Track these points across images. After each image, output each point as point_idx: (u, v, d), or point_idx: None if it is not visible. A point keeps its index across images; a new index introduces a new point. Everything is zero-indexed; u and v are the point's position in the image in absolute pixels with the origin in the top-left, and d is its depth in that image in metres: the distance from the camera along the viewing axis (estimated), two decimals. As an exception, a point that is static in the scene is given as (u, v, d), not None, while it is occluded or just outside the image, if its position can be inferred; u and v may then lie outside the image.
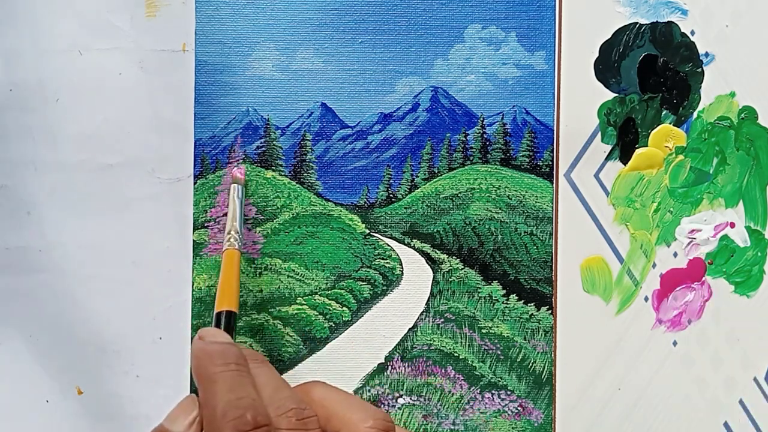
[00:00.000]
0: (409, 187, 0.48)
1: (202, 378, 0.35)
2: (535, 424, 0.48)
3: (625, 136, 0.48)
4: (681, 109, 0.48)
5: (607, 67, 0.48)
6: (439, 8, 0.48)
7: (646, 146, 0.48)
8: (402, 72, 0.48)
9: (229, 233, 0.45)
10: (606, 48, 0.48)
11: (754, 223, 0.49)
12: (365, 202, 0.48)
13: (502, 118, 0.48)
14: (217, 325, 0.41)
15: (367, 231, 0.48)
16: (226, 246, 0.44)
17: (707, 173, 0.49)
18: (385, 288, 0.48)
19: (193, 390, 0.47)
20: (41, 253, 0.47)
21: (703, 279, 0.49)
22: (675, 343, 0.49)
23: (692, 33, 0.48)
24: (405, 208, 0.48)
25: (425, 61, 0.48)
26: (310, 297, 0.48)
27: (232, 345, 0.37)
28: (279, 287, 0.48)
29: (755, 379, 0.49)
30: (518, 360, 0.48)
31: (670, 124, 0.48)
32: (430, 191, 0.48)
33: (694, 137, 0.49)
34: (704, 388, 0.49)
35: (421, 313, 0.48)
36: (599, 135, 0.48)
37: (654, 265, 0.49)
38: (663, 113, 0.48)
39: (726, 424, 0.49)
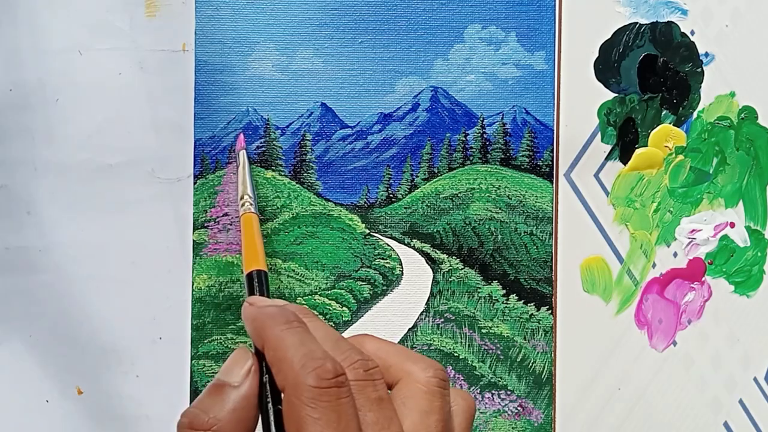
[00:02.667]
0: (409, 187, 0.48)
1: (268, 338, 0.34)
2: (535, 424, 0.48)
3: (625, 136, 0.48)
4: (681, 109, 0.48)
5: (607, 67, 0.48)
6: (439, 8, 0.48)
7: (646, 146, 0.48)
8: (402, 72, 0.48)
9: (242, 198, 0.44)
10: (606, 48, 0.48)
11: (753, 223, 0.49)
12: (365, 202, 0.48)
13: (502, 118, 0.48)
14: (250, 285, 0.41)
15: (367, 231, 0.48)
16: (242, 211, 0.44)
17: (707, 173, 0.49)
18: (385, 288, 0.48)
19: (193, 390, 0.47)
20: (41, 253, 0.47)
21: (703, 279, 0.49)
22: (675, 343, 0.49)
23: (692, 33, 0.48)
24: (405, 208, 0.48)
25: (425, 61, 0.48)
26: (309, 297, 0.48)
27: (286, 305, 0.37)
28: (279, 287, 0.48)
29: (755, 379, 0.49)
30: (518, 360, 0.48)
31: (670, 124, 0.48)
32: (430, 191, 0.48)
33: (693, 137, 0.49)
34: (704, 388, 0.49)
35: (421, 313, 0.48)
36: (599, 135, 0.48)
37: (654, 265, 0.49)
38: (663, 113, 0.48)
39: (726, 424, 0.49)
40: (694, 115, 0.48)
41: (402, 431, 0.33)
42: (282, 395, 0.32)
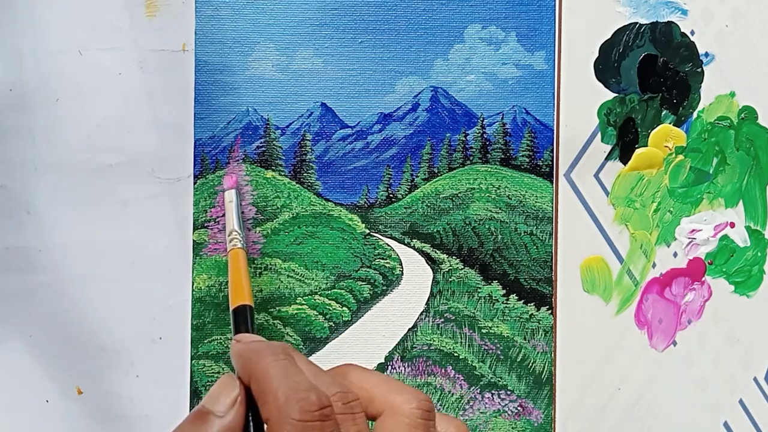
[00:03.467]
0: (409, 187, 0.48)
1: (254, 371, 0.34)
2: (535, 424, 0.48)
3: (624, 136, 0.48)
4: (681, 109, 0.48)
5: (607, 67, 0.48)
6: (439, 8, 0.48)
7: (646, 146, 0.48)
8: (402, 72, 0.48)
9: (230, 234, 0.45)
10: (606, 48, 0.48)
11: (754, 223, 0.49)
12: (365, 202, 0.48)
13: (502, 118, 0.48)
14: (236, 320, 0.41)
15: (367, 231, 0.48)
16: (230, 247, 0.44)
17: (707, 173, 0.49)
18: (385, 288, 0.48)
19: (193, 390, 0.47)
20: (41, 253, 0.47)
21: (703, 279, 0.49)
22: (675, 343, 0.49)
23: (692, 33, 0.48)
24: (405, 208, 0.48)
25: (425, 61, 0.48)
26: (310, 297, 0.48)
27: (272, 342, 0.37)
28: (279, 287, 0.48)
29: (755, 379, 0.49)
30: (518, 360, 0.48)
31: (670, 124, 0.48)
32: (430, 191, 0.48)
33: (693, 137, 0.49)
34: (704, 388, 0.49)
35: (421, 313, 0.48)
36: (599, 135, 0.48)
37: (654, 265, 0.48)
38: (663, 113, 0.48)
39: (726, 424, 0.49)
40: (694, 115, 0.48)
41: None
42: (265, 427, 0.32)
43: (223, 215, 0.47)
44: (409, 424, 0.34)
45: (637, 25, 0.48)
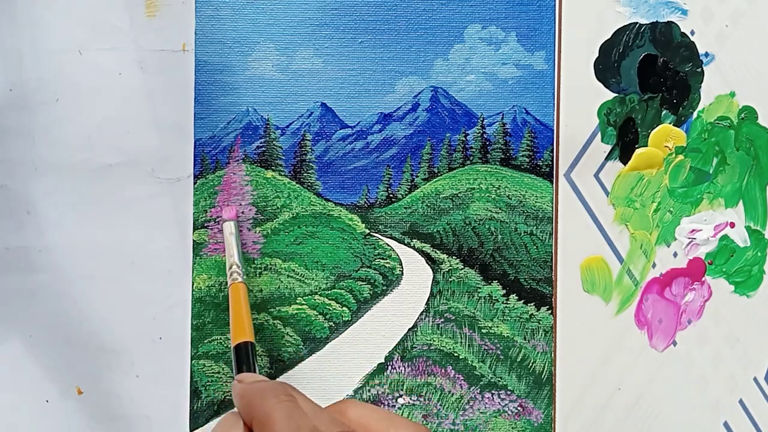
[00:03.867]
0: (409, 187, 0.48)
1: (256, 413, 0.34)
2: (535, 424, 0.48)
3: (624, 136, 0.48)
4: (681, 109, 0.48)
5: (607, 67, 0.48)
6: (439, 8, 0.47)
7: (646, 146, 0.48)
8: (402, 72, 0.48)
9: (230, 268, 0.45)
10: (606, 48, 0.48)
11: (754, 223, 0.49)
12: (365, 202, 0.48)
13: (502, 118, 0.48)
14: (238, 358, 0.41)
15: (367, 231, 0.48)
16: (230, 281, 0.44)
17: (707, 173, 0.48)
18: (385, 288, 0.48)
19: (193, 390, 0.47)
20: (41, 253, 0.47)
21: (703, 279, 0.49)
22: (675, 343, 0.48)
23: (692, 33, 0.48)
24: (405, 208, 0.48)
25: (425, 61, 0.48)
26: (310, 297, 0.48)
27: (275, 382, 0.37)
28: (279, 287, 0.47)
29: (755, 379, 0.49)
30: (518, 360, 0.48)
31: (670, 124, 0.48)
32: (430, 191, 0.48)
33: (694, 137, 0.48)
34: (704, 388, 0.48)
35: (421, 313, 0.48)
36: (599, 135, 0.48)
37: (654, 265, 0.48)
38: (663, 113, 0.48)
39: (726, 424, 0.48)
40: (694, 115, 0.48)
41: None
42: None
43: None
44: None
45: (637, 25, 0.48)
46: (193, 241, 0.47)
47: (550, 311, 0.48)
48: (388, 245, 0.48)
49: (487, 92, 0.48)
